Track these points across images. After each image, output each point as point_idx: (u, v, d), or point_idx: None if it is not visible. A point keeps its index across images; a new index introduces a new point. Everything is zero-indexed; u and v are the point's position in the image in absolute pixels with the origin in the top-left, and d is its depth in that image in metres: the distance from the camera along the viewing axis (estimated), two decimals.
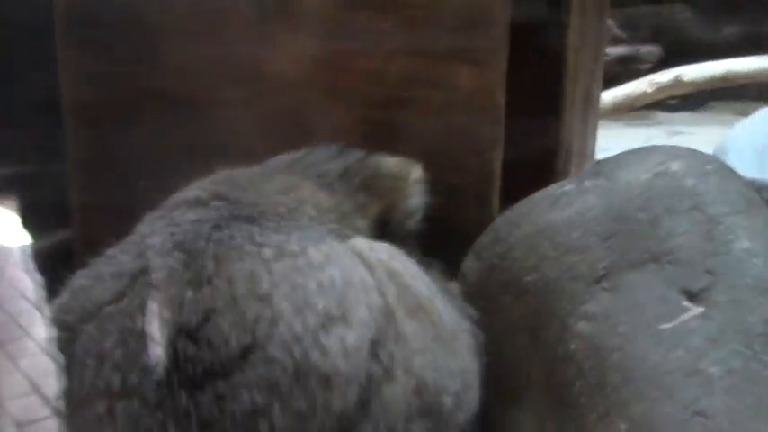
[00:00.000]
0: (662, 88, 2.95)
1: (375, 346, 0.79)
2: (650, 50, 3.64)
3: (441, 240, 1.29)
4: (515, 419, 1.01)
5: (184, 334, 0.77)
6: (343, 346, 0.77)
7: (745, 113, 3.81)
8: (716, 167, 1.05)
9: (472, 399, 0.91)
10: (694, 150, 1.09)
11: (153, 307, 0.80)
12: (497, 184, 1.34)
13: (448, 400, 0.85)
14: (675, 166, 1.04)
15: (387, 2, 1.35)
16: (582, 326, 0.96)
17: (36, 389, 1.62)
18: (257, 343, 0.76)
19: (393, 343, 0.81)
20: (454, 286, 1.13)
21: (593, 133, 2.67)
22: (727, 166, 1.07)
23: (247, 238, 0.86)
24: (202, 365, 0.75)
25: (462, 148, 1.34)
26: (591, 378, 0.93)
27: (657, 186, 1.02)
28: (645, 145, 1.15)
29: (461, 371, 0.90)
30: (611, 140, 3.34)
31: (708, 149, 3.03)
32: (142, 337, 0.78)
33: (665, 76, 2.95)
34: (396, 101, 1.36)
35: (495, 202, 1.34)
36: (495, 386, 1.05)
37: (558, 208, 1.06)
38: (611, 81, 3.33)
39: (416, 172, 1.16)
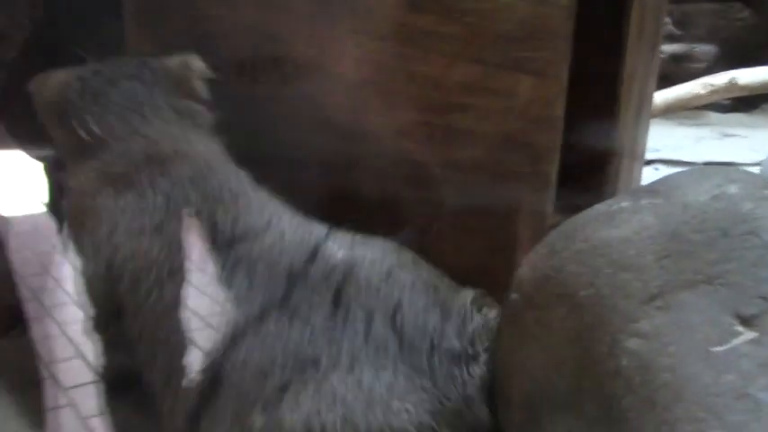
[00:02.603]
0: (715, 91, 2.92)
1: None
2: (705, 50, 3.58)
3: (494, 247, 1.32)
4: (565, 425, 1.04)
5: None
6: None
7: None
8: None
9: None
10: (752, 174, 1.10)
11: None
12: (552, 193, 1.36)
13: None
14: (733, 189, 1.05)
15: (451, 8, 1.37)
16: (633, 343, 0.99)
17: (81, 353, 1.70)
18: None
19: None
20: None
21: (644, 134, 2.66)
22: None
23: None
24: None
25: (518, 157, 1.36)
26: (640, 395, 0.95)
27: (714, 209, 1.03)
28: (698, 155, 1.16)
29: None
30: (661, 140, 3.32)
31: (759, 153, 2.99)
32: None
33: (719, 79, 2.91)
34: (454, 106, 1.38)
35: (550, 210, 1.36)
36: (547, 391, 1.09)
37: (613, 225, 1.08)
38: (664, 79, 3.30)
39: (195, 62, 1.46)
